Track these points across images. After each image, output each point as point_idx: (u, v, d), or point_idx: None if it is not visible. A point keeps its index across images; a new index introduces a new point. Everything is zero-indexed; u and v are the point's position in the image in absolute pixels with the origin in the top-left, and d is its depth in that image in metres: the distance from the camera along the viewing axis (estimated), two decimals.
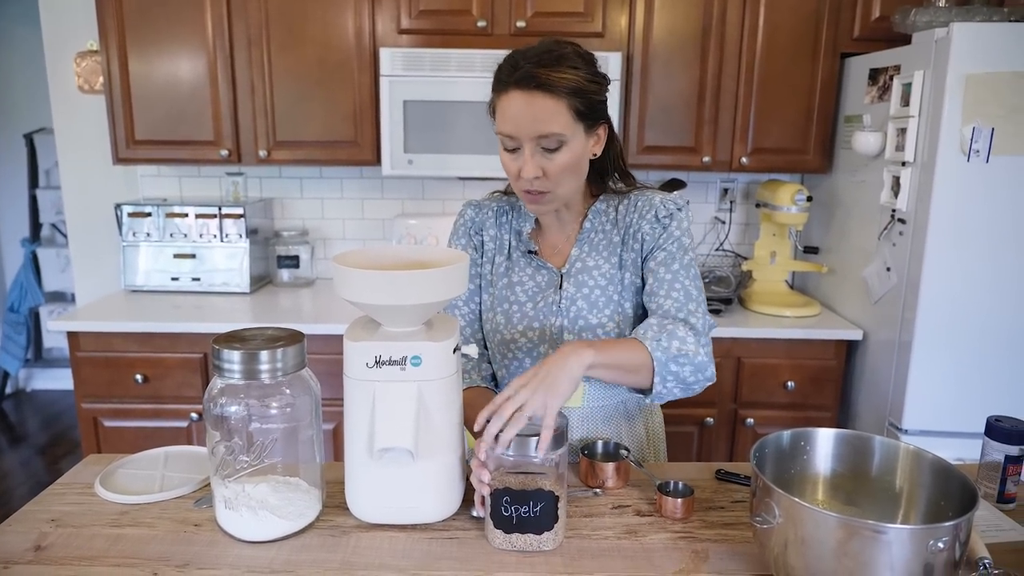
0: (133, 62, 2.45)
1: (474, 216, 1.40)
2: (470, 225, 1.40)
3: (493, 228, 1.39)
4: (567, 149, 1.18)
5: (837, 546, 0.83)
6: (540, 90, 1.13)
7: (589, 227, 1.35)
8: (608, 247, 1.33)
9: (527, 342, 1.33)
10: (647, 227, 1.30)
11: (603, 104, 1.22)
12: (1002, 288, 2.02)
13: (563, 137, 1.16)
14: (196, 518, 1.10)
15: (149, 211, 2.64)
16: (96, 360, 2.34)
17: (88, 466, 1.28)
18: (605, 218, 1.35)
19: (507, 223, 1.39)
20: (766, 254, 2.72)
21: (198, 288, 2.67)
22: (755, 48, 2.47)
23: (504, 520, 1.01)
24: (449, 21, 2.44)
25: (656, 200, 1.31)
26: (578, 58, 1.18)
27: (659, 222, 1.30)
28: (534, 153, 1.17)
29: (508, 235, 1.38)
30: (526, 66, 1.14)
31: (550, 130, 1.15)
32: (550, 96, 1.13)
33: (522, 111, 1.15)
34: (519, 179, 1.21)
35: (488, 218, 1.39)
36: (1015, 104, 1.91)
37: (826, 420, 2.44)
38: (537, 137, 1.16)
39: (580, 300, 1.31)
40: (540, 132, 1.15)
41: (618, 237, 1.33)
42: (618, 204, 1.35)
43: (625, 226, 1.33)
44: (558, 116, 1.15)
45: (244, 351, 1.00)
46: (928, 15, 2.13)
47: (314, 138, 2.52)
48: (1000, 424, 1.15)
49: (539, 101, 1.14)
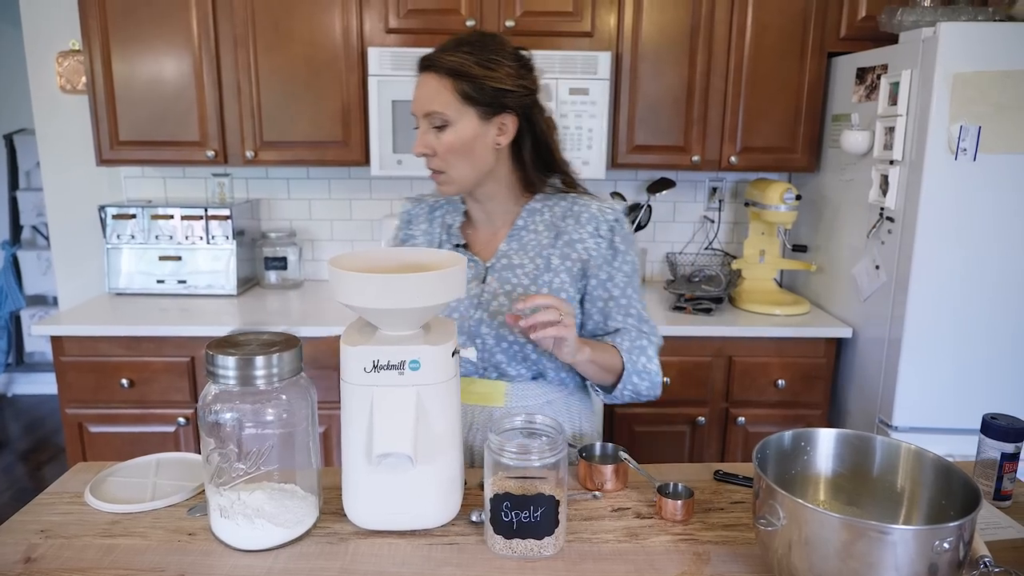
0: (117, 62, 2.41)
1: (410, 210, 1.47)
2: (403, 218, 1.46)
3: (425, 223, 1.43)
4: (452, 130, 1.24)
5: (842, 547, 0.82)
6: (428, 71, 1.24)
7: (521, 224, 1.36)
8: (537, 247, 1.34)
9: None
10: (590, 240, 1.34)
11: (506, 93, 1.24)
12: (991, 285, 2.04)
13: (446, 117, 1.23)
14: (190, 527, 1.08)
15: (134, 213, 2.61)
16: (81, 365, 2.30)
17: (77, 474, 1.25)
18: (539, 218, 1.37)
19: (439, 217, 1.42)
20: (755, 253, 2.72)
21: (184, 291, 2.64)
22: (743, 47, 2.48)
23: (504, 526, 1.00)
24: (437, 20, 2.43)
25: (594, 209, 1.35)
26: (481, 45, 1.24)
27: (603, 239, 1.34)
28: (426, 131, 1.26)
29: (439, 229, 1.41)
30: (424, 55, 1.26)
31: (432, 108, 1.23)
32: (435, 75, 1.23)
33: (418, 91, 1.26)
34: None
35: (422, 212, 1.45)
36: (1001, 103, 1.93)
37: (816, 418, 2.45)
38: (424, 115, 1.25)
39: (502, 295, 1.32)
40: (425, 110, 1.24)
41: (548, 240, 1.35)
42: (554, 206, 1.37)
43: (559, 230, 1.35)
44: (440, 95, 1.23)
45: (239, 357, 0.98)
46: (914, 15, 2.15)
47: (302, 139, 2.50)
48: (996, 421, 1.16)
49: (428, 81, 1.24)
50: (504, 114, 1.25)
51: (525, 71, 1.27)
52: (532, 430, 1.07)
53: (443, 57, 1.22)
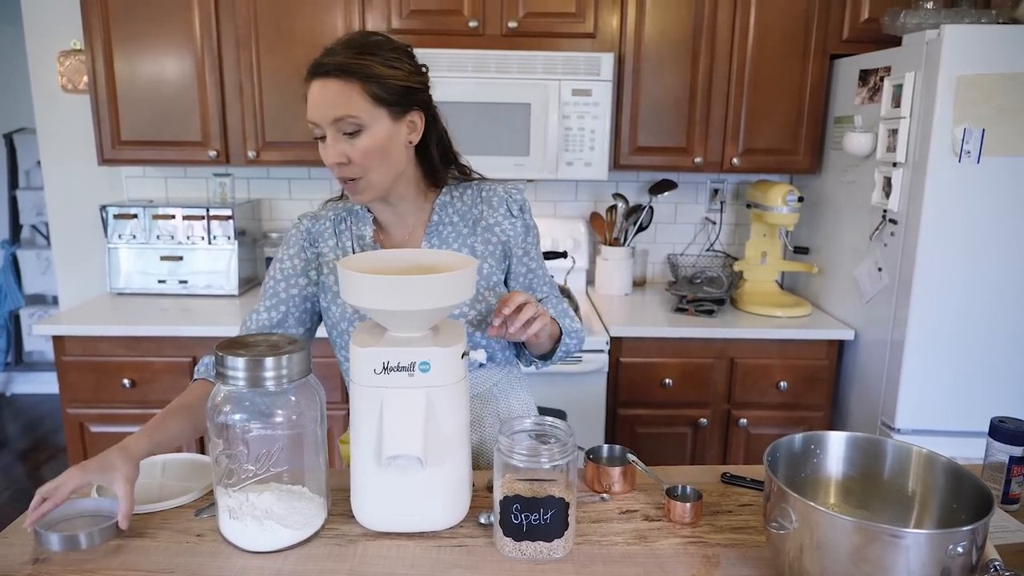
0: (119, 61, 2.41)
1: (310, 228, 1.36)
2: (304, 237, 1.36)
3: (332, 238, 1.35)
4: (367, 134, 1.19)
5: (854, 551, 0.82)
6: (331, 76, 1.17)
7: (437, 220, 1.34)
8: (458, 238, 1.35)
9: None
10: (505, 222, 1.36)
11: (411, 91, 1.22)
12: (994, 287, 2.04)
13: (359, 120, 1.18)
14: (198, 528, 1.08)
15: (135, 213, 2.60)
16: (82, 364, 2.30)
17: None
18: (452, 210, 1.36)
19: (346, 230, 1.35)
20: (757, 254, 2.73)
21: (185, 291, 2.63)
22: (746, 49, 2.48)
23: (514, 528, 1.00)
24: (440, 21, 2.43)
25: (501, 192, 1.37)
26: (376, 46, 1.20)
27: (516, 217, 1.37)
28: (336, 139, 1.19)
29: (349, 241, 1.35)
30: (323, 58, 1.19)
31: (343, 113, 1.17)
32: (340, 80, 1.17)
33: (318, 98, 1.18)
34: (333, 168, 1.22)
35: (325, 228, 1.36)
36: (1005, 105, 1.93)
37: (818, 420, 2.45)
38: (333, 121, 1.18)
39: None
40: (334, 116, 1.17)
41: (467, 228, 1.35)
42: (462, 195, 1.37)
43: (475, 217, 1.36)
44: (350, 99, 1.17)
45: (248, 358, 0.98)
46: (918, 17, 2.15)
47: (304, 139, 2.49)
48: (1004, 425, 1.16)
49: (331, 86, 1.17)
50: (412, 111, 1.23)
51: (419, 67, 1.26)
52: (541, 432, 1.07)
53: (345, 61, 1.17)
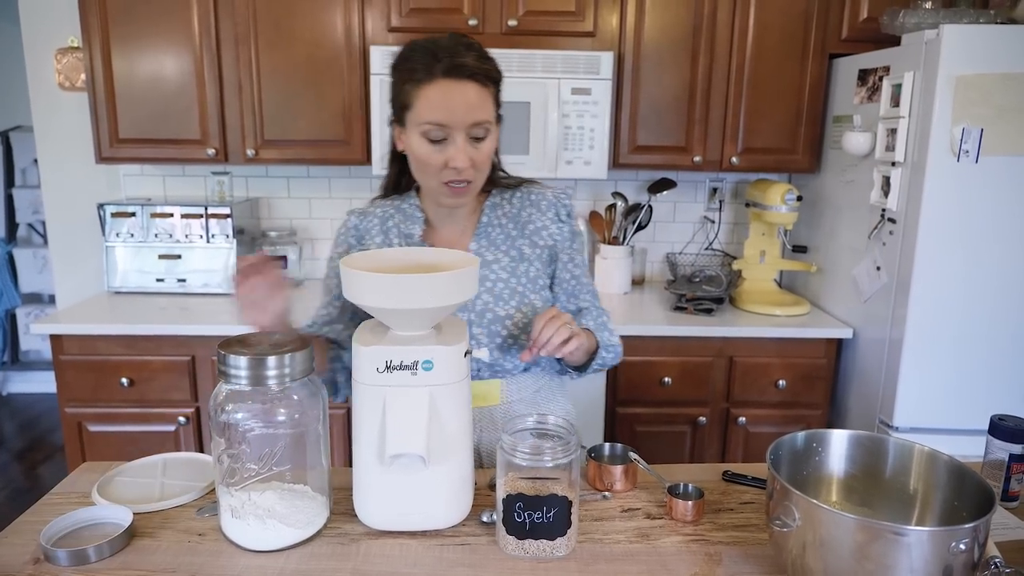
0: (117, 59, 2.40)
1: (357, 224, 1.38)
2: (352, 233, 1.37)
3: (380, 235, 1.36)
4: (490, 138, 1.22)
5: (857, 548, 0.83)
6: (471, 79, 1.17)
7: (486, 221, 1.36)
8: (507, 240, 1.36)
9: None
10: (553, 226, 1.37)
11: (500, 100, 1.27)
12: (992, 286, 2.05)
13: (489, 126, 1.21)
14: (200, 527, 1.07)
15: (133, 211, 2.59)
16: (80, 364, 2.29)
17: (83, 474, 1.24)
18: (501, 211, 1.38)
19: (394, 227, 1.36)
20: (756, 253, 2.73)
21: (183, 289, 2.63)
22: (745, 48, 2.48)
23: (517, 526, 1.00)
24: (440, 19, 2.42)
25: (550, 196, 1.39)
26: (487, 52, 1.22)
27: (564, 223, 1.38)
28: (465, 143, 1.19)
29: (397, 239, 1.35)
30: (447, 58, 1.16)
31: (482, 117, 1.18)
32: (479, 84, 1.18)
33: (455, 99, 1.16)
34: (443, 170, 1.20)
35: (373, 225, 1.37)
36: (1004, 105, 1.94)
37: (817, 418, 2.46)
38: (470, 126, 1.18)
39: (485, 293, 1.32)
40: (474, 120, 1.17)
41: (516, 230, 1.36)
42: (510, 198, 1.38)
43: (523, 220, 1.37)
44: (486, 104, 1.19)
45: (251, 356, 0.98)
46: (917, 17, 2.15)
47: (303, 137, 2.49)
48: (1004, 423, 1.16)
49: (471, 90, 1.17)
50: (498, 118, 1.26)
51: None
52: (544, 431, 1.07)
53: (481, 66, 1.17)
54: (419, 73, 1.17)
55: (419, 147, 1.20)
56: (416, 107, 1.18)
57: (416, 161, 1.23)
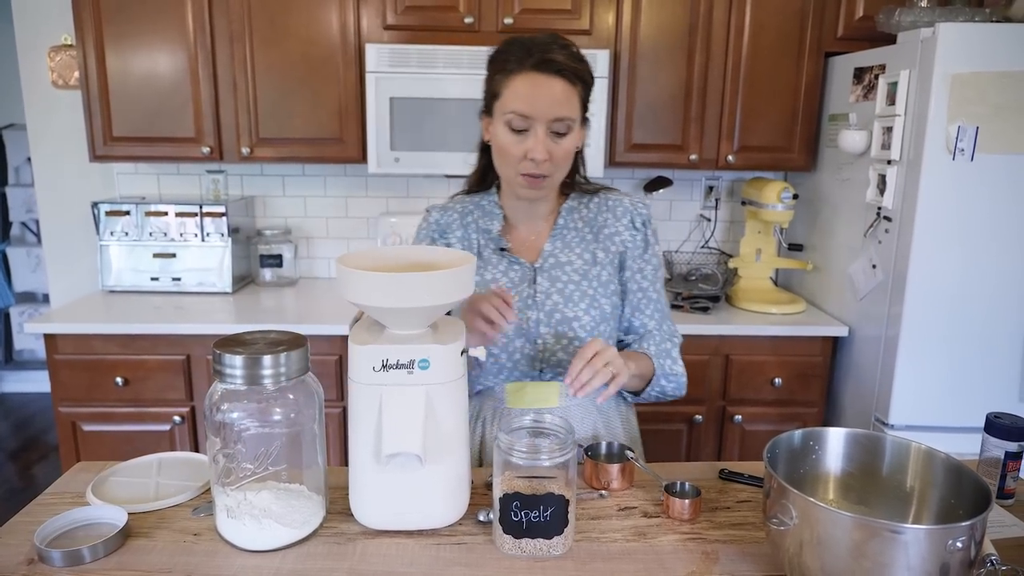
0: (111, 57, 2.39)
1: (439, 219, 1.41)
2: (434, 228, 1.41)
3: (460, 229, 1.39)
4: (572, 136, 1.24)
5: (854, 547, 0.82)
6: (559, 75, 1.20)
7: (563, 223, 1.38)
8: (581, 243, 1.37)
9: (502, 337, 1.32)
10: (626, 233, 1.38)
11: (588, 103, 1.29)
12: (987, 285, 2.05)
13: (572, 123, 1.23)
14: (195, 527, 1.07)
15: (127, 210, 2.58)
16: (74, 363, 2.28)
17: (77, 474, 1.24)
18: (577, 215, 1.40)
19: (473, 223, 1.39)
20: (752, 251, 2.73)
21: (178, 288, 2.62)
22: (741, 46, 2.48)
23: (514, 525, 1.00)
24: (435, 17, 2.42)
25: (627, 203, 1.39)
26: (580, 53, 1.25)
27: (638, 231, 1.38)
28: (545, 136, 1.22)
29: (475, 234, 1.38)
30: (539, 53, 1.20)
31: (565, 114, 1.21)
32: (567, 81, 1.20)
33: (540, 92, 1.20)
34: (522, 161, 1.23)
35: (453, 220, 1.40)
36: (999, 103, 1.94)
37: (812, 416, 2.46)
38: (552, 120, 1.21)
39: (555, 294, 1.33)
40: (556, 115, 1.20)
41: (591, 235, 1.38)
42: (588, 202, 1.40)
43: (599, 225, 1.38)
44: (571, 101, 1.22)
45: (246, 356, 0.97)
46: (912, 15, 2.15)
47: (298, 135, 2.48)
48: (1000, 420, 1.16)
49: (557, 85, 1.20)
50: (584, 120, 1.30)
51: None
52: (540, 429, 1.07)
53: (572, 64, 1.20)
54: (511, 64, 1.22)
55: (502, 136, 1.24)
56: (503, 96, 1.23)
57: (498, 150, 1.27)
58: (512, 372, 1.34)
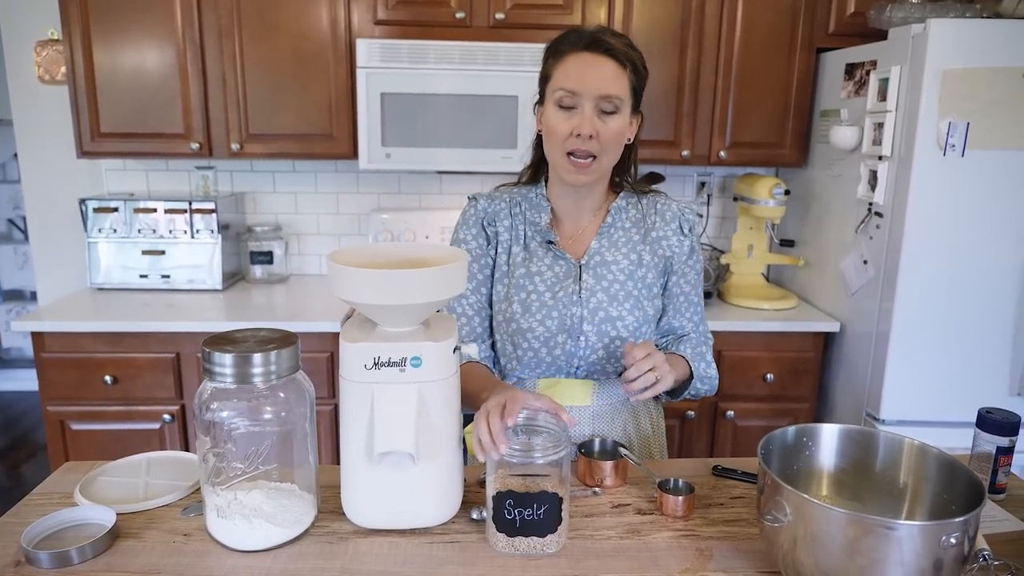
0: (98, 52, 2.36)
1: (487, 207, 1.41)
2: (482, 216, 1.40)
3: (507, 218, 1.40)
4: (619, 117, 1.25)
5: (848, 543, 0.82)
6: (608, 55, 1.23)
7: (611, 222, 1.38)
8: (628, 243, 1.37)
9: (544, 331, 1.32)
10: (674, 238, 1.38)
11: (641, 94, 1.31)
12: (978, 280, 2.06)
13: (620, 102, 1.24)
14: (185, 527, 1.06)
15: (116, 206, 2.56)
16: (63, 361, 2.26)
17: (65, 474, 1.22)
18: (625, 215, 1.40)
19: (520, 214, 1.40)
20: (743, 247, 2.73)
21: (168, 286, 2.60)
22: (733, 42, 2.48)
23: (507, 523, 0.99)
24: (427, 12, 2.40)
25: (675, 208, 1.40)
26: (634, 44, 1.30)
27: (685, 236, 1.39)
28: (593, 113, 1.23)
29: (523, 225, 1.39)
30: (590, 35, 1.24)
31: (613, 91, 1.22)
32: (616, 62, 1.23)
33: (589, 70, 1.22)
34: (569, 139, 1.24)
35: (501, 208, 1.40)
36: (990, 99, 1.95)
37: (804, 411, 2.47)
38: (599, 97, 1.22)
39: (600, 292, 1.33)
40: (604, 92, 1.22)
41: (638, 236, 1.38)
42: (637, 203, 1.40)
43: (647, 227, 1.38)
44: (620, 81, 1.23)
45: (236, 354, 0.96)
46: (903, 11, 2.16)
47: (289, 131, 2.46)
48: (991, 416, 1.17)
49: (606, 64, 1.23)
50: (637, 113, 1.32)
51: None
52: (533, 427, 1.06)
53: (623, 48, 1.24)
54: (564, 47, 1.26)
55: (551, 115, 1.26)
56: (554, 77, 1.26)
57: (547, 133, 1.28)
58: (550, 367, 1.34)
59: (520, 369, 1.36)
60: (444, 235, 2.75)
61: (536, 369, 1.35)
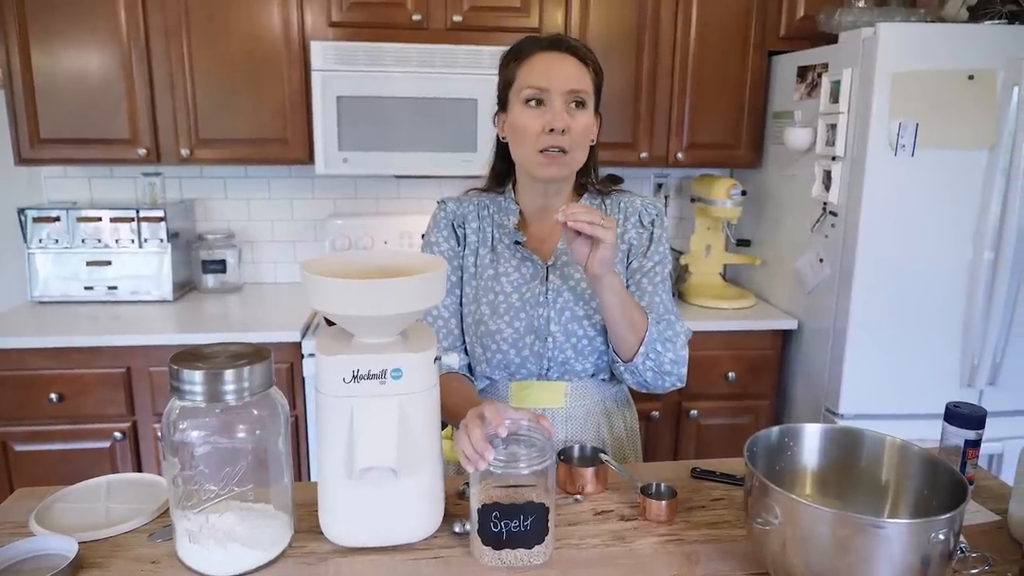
0: (36, 54, 2.25)
1: (456, 209, 1.40)
2: (452, 218, 1.40)
3: (475, 221, 1.39)
4: (586, 112, 1.26)
5: (838, 543, 0.83)
6: (571, 53, 1.26)
7: None
8: None
9: (512, 332, 1.31)
10: (633, 231, 1.37)
11: (600, 95, 1.33)
12: (930, 275, 2.12)
13: (587, 96, 1.25)
14: (153, 554, 1.00)
15: (57, 215, 2.44)
16: (4, 379, 2.14)
17: (18, 501, 1.15)
18: None
19: (488, 216, 1.39)
20: (701, 248, 2.77)
21: (115, 297, 2.49)
22: (688, 44, 2.51)
23: (493, 536, 0.97)
24: (382, 14, 2.36)
25: (637, 203, 1.39)
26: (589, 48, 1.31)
27: (644, 228, 1.37)
28: (563, 108, 1.23)
29: (491, 228, 1.38)
30: (549, 38, 1.27)
31: (579, 87, 1.24)
32: (578, 60, 1.26)
33: (556, 66, 1.24)
34: (540, 136, 1.23)
35: (470, 211, 1.40)
36: (937, 100, 2.01)
37: (765, 408, 2.51)
38: (568, 91, 1.23)
39: (567, 292, 1.33)
40: (572, 86, 1.23)
41: None
42: (601, 203, 1.39)
43: None
44: (584, 78, 1.26)
45: (207, 370, 0.92)
46: (852, 15, 2.21)
47: (241, 136, 2.39)
48: (959, 410, 1.19)
49: (570, 62, 1.25)
50: (597, 113, 1.32)
51: None
52: (517, 437, 1.04)
53: (582, 48, 1.27)
54: (524, 50, 1.27)
55: (520, 115, 1.25)
56: (519, 78, 1.26)
57: (515, 133, 1.27)
58: (520, 368, 1.33)
59: (490, 371, 1.35)
60: (403, 241, 2.71)
61: (506, 370, 1.34)
